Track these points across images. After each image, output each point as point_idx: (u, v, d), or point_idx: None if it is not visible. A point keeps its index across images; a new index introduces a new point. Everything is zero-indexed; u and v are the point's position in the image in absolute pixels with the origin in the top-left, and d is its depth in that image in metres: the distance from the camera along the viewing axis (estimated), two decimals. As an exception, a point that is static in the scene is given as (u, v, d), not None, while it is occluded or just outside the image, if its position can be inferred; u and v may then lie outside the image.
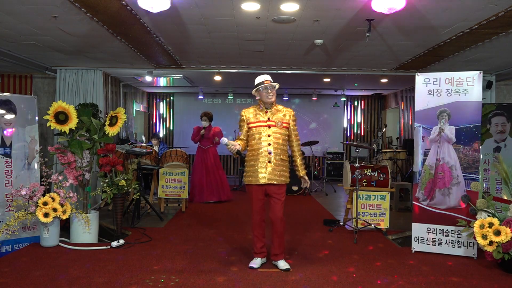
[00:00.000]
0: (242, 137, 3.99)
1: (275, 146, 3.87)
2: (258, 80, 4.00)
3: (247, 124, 3.97)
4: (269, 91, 3.93)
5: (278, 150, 3.89)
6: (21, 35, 5.53)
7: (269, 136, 3.88)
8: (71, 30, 5.34)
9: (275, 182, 3.87)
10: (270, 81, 3.97)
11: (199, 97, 11.97)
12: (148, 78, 8.45)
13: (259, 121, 3.92)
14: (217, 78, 8.69)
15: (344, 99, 12.15)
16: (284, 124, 3.95)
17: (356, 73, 8.18)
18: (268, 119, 3.92)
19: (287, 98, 11.88)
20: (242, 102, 12.60)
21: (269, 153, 3.86)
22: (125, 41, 5.93)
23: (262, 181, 3.86)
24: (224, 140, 3.84)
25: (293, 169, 4.12)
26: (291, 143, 4.06)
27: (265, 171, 3.84)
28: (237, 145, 3.86)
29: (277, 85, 4.00)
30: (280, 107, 4.04)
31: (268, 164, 3.85)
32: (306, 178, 4.10)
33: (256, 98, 4.06)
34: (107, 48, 6.41)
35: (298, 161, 4.09)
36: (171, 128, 12.73)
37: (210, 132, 8.13)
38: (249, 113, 4.00)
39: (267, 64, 7.69)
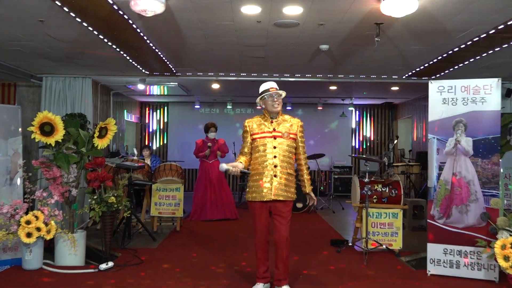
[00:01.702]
0: (246, 150, 3.96)
1: (281, 158, 3.85)
2: (263, 87, 4.01)
3: (251, 135, 3.95)
4: (275, 100, 3.92)
5: (284, 163, 3.86)
6: (5, 40, 5.58)
7: (274, 147, 3.86)
8: (59, 35, 5.38)
9: (282, 199, 3.83)
10: (276, 88, 3.98)
11: (196, 106, 12.02)
12: (141, 87, 8.49)
13: (264, 132, 3.90)
14: (215, 86, 8.73)
15: (352, 108, 12.19)
16: (291, 135, 3.93)
17: (365, 81, 8.22)
18: (274, 129, 3.90)
19: (290, 108, 11.92)
20: (242, 112, 12.64)
21: (275, 166, 3.84)
22: (116, 47, 5.97)
23: (267, 197, 3.82)
24: (223, 167, 3.71)
25: (298, 185, 4.09)
26: (298, 156, 4.04)
27: (270, 186, 3.81)
28: (239, 164, 3.81)
29: (283, 93, 4.00)
30: (286, 116, 4.04)
31: (274, 178, 3.82)
32: (313, 195, 4.08)
33: (257, 107, 4.10)
34: (97, 55, 6.45)
35: (305, 176, 4.06)
36: (165, 140, 12.78)
37: (215, 145, 8.16)
38: (253, 123, 3.99)
39: (268, 71, 7.73)
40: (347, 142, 12.81)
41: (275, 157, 3.85)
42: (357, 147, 12.88)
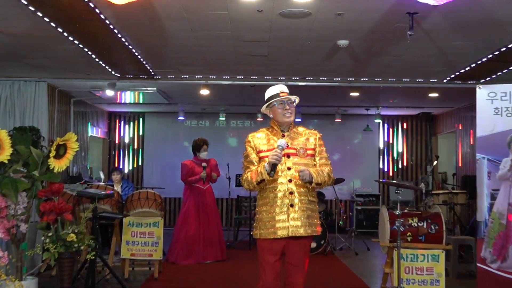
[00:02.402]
0: (253, 168, 3.89)
1: (299, 182, 3.81)
2: (270, 92, 3.97)
3: (258, 153, 3.91)
4: (287, 107, 3.90)
5: (303, 188, 3.81)
6: None
7: (289, 169, 3.82)
8: (6, 28, 5.43)
9: (303, 234, 3.78)
10: (287, 93, 3.97)
11: (179, 118, 12.04)
12: (109, 93, 8.52)
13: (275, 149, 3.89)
14: (204, 92, 8.76)
15: (379, 120, 12.21)
16: (309, 152, 3.90)
17: (395, 85, 8.25)
18: (287, 145, 3.89)
19: (300, 120, 11.92)
20: (239, 125, 12.66)
21: (291, 193, 3.81)
22: (79, 43, 6.02)
23: (282, 233, 3.75)
24: (282, 142, 3.72)
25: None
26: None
27: (286, 219, 3.75)
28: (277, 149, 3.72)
29: (297, 99, 3.99)
30: (301, 129, 4.01)
31: (291, 208, 3.78)
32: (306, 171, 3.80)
33: (259, 119, 4.07)
34: (54, 52, 6.50)
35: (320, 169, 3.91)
36: (141, 160, 12.79)
37: (208, 166, 8.11)
38: (258, 139, 3.95)
39: (272, 74, 7.77)
40: (373, 164, 12.81)
41: (290, 181, 3.80)
42: (385, 170, 12.87)
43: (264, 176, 3.72)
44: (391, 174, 12.81)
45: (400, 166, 12.91)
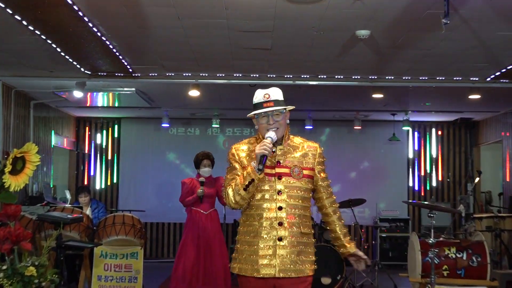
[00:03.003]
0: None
1: (291, 211, 3.78)
2: (255, 97, 3.95)
3: (243, 168, 3.87)
4: (271, 122, 3.86)
5: (296, 218, 3.79)
6: None
7: (279, 193, 3.80)
8: (-47, 16, 5.45)
9: (293, 275, 3.76)
10: (274, 100, 3.86)
11: (164, 125, 12.03)
12: (78, 94, 8.52)
13: None
14: (194, 93, 8.75)
15: (408, 128, 12.20)
16: (305, 171, 3.87)
17: (428, 85, 8.27)
18: (278, 163, 3.83)
19: (311, 127, 11.91)
20: (236, 133, 12.71)
21: (280, 223, 3.78)
22: (41, 33, 6.04)
23: (267, 272, 3.74)
24: (272, 134, 3.79)
25: (327, 247, 4.03)
26: (320, 201, 3.97)
27: (272, 256, 3.75)
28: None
29: (286, 109, 3.92)
30: (297, 140, 3.98)
31: (279, 243, 3.76)
32: (361, 253, 3.93)
33: (255, 127, 4.03)
34: (11, 45, 6.52)
35: (338, 228, 3.96)
36: (116, 177, 12.79)
37: (213, 187, 8.04)
38: (243, 152, 3.97)
39: (277, 71, 7.80)
40: (401, 181, 12.80)
41: (280, 208, 3.79)
42: (416, 188, 12.85)
43: (252, 175, 3.69)
44: (422, 193, 12.79)
45: (433, 183, 12.89)
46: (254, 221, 3.83)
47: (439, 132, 12.96)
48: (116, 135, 12.83)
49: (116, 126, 12.82)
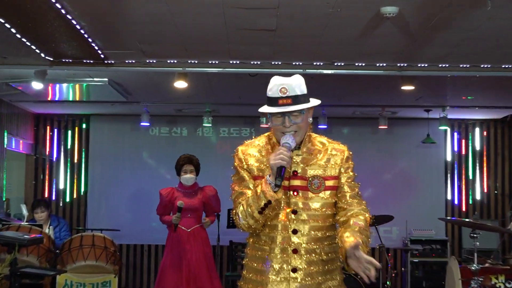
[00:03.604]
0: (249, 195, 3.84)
1: (308, 234, 3.76)
2: (268, 89, 3.87)
3: (252, 177, 3.86)
4: (287, 125, 3.77)
5: (315, 243, 3.77)
6: None
7: (294, 212, 3.78)
8: None
9: None
10: (291, 98, 3.73)
11: (143, 124, 12.01)
12: (37, 86, 8.50)
13: None
14: (181, 84, 8.73)
15: (446, 127, 12.15)
16: (328, 182, 3.82)
17: (470, 74, 8.26)
18: (294, 173, 3.80)
19: (325, 127, 11.87)
20: (233, 134, 12.71)
21: (295, 251, 3.72)
22: (-9, 10, 6.04)
23: None
24: (289, 139, 3.67)
25: (350, 277, 4.01)
26: (344, 211, 3.80)
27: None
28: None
29: (308, 105, 3.79)
30: (320, 141, 3.95)
31: (293, 275, 3.74)
32: (363, 254, 3.49)
33: (263, 125, 4.00)
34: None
35: (358, 223, 3.70)
36: (83, 188, 12.76)
37: (196, 197, 8.14)
38: (251, 158, 3.91)
39: (283, 57, 7.80)
40: (437, 193, 12.79)
41: (295, 232, 3.77)
42: (455, 202, 12.83)
43: (268, 196, 3.60)
44: (463, 208, 12.78)
45: (477, 196, 12.87)
46: (264, 245, 3.83)
47: (484, 133, 12.96)
48: (84, 136, 12.82)
49: (84, 125, 12.82)
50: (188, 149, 10.85)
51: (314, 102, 3.84)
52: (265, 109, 3.80)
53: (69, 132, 12.80)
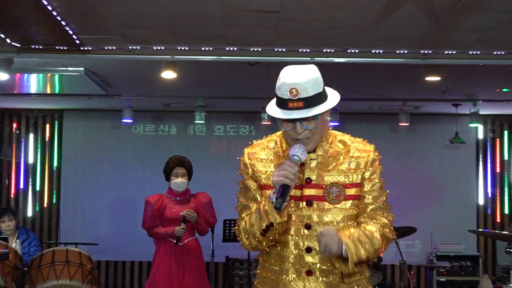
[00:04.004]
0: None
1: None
2: (277, 87, 3.80)
3: (260, 188, 3.84)
4: (299, 131, 3.70)
5: (332, 264, 3.72)
6: None
7: (308, 227, 3.76)
8: None
9: None
10: (302, 100, 3.63)
11: (125, 120, 12.05)
12: (2, 76, 8.50)
13: None
14: (169, 75, 8.73)
15: (478, 124, 12.17)
16: (349, 191, 3.78)
17: (504, 62, 8.25)
18: (308, 180, 3.78)
19: (337, 123, 11.93)
20: (229, 132, 12.76)
21: (309, 272, 3.70)
22: None
23: None
24: (298, 151, 3.56)
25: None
26: (362, 220, 3.79)
27: None
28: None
29: (323, 108, 3.69)
30: (341, 141, 3.93)
31: None
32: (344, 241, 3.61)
33: (264, 122, 3.96)
34: None
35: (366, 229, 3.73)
36: (55, 195, 12.78)
37: (189, 206, 8.16)
38: (260, 162, 3.88)
39: (287, 42, 7.81)
40: (467, 201, 12.84)
41: (309, 250, 3.75)
42: (489, 211, 12.86)
43: (270, 218, 3.54)
44: (498, 219, 12.83)
45: (514, 204, 12.89)
46: (274, 265, 3.83)
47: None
48: (56, 135, 12.85)
49: (56, 122, 12.89)
50: (177, 150, 10.90)
51: (332, 101, 3.82)
52: (271, 111, 3.73)
53: (39, 131, 12.86)
